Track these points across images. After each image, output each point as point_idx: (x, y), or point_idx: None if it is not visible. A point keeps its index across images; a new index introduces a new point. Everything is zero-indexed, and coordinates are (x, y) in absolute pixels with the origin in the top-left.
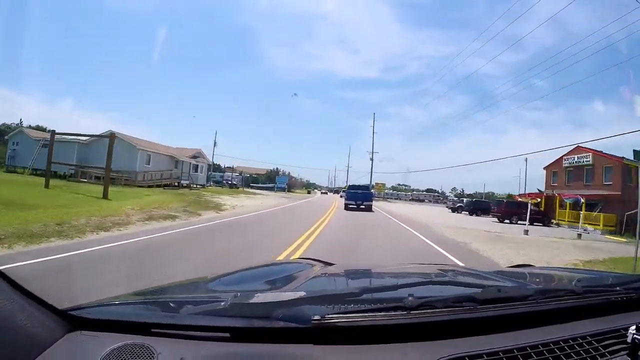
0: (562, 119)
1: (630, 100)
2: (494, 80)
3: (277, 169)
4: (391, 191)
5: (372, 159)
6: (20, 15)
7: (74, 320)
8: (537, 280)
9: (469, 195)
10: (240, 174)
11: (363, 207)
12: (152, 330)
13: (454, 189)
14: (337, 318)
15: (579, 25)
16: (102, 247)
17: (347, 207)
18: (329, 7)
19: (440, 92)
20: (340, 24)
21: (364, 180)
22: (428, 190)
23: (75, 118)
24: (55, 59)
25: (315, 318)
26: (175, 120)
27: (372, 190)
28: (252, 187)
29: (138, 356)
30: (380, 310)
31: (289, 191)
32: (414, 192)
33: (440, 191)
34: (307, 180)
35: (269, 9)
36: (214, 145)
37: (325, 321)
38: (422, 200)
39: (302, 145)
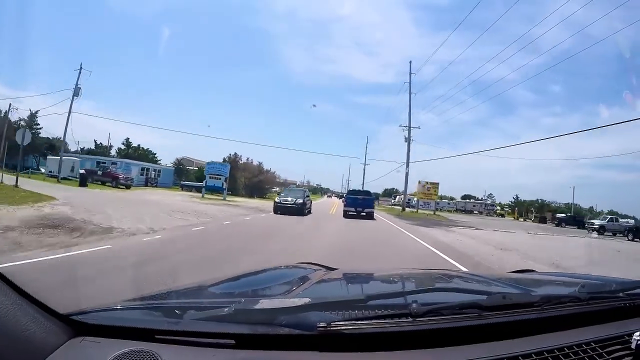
0: (578, 124)
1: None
2: (510, 85)
3: (235, 154)
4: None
5: (409, 140)
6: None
7: (76, 326)
8: (541, 286)
9: (519, 203)
10: (179, 164)
11: (364, 214)
12: (156, 336)
13: (490, 195)
14: (343, 325)
15: (595, 27)
16: None
17: (346, 215)
18: (344, 11)
19: (460, 98)
20: (356, 27)
21: (394, 181)
22: (464, 197)
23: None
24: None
25: (321, 325)
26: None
27: (409, 196)
28: (183, 187)
29: None
30: (386, 317)
31: (250, 196)
32: (458, 201)
33: (483, 198)
34: (317, 184)
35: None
36: (74, 96)
37: (331, 328)
38: (470, 211)
39: (317, 149)
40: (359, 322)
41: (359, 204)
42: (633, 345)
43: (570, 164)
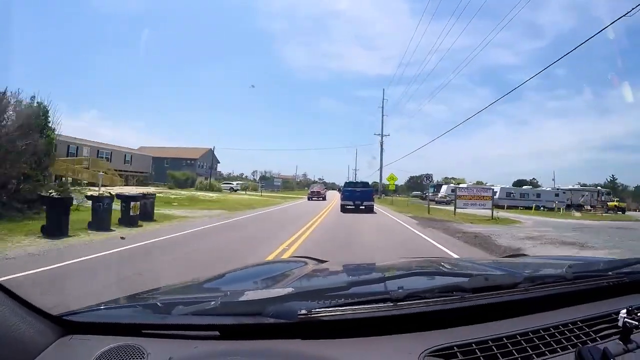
0: (586, 106)
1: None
2: (513, 70)
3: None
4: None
5: None
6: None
7: (66, 325)
8: (528, 268)
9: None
10: None
11: (363, 207)
12: (143, 331)
13: (532, 179)
14: (323, 312)
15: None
16: None
17: (343, 209)
18: (342, 6)
19: (461, 85)
20: (355, 20)
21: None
22: (517, 184)
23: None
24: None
25: (301, 313)
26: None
27: (449, 187)
28: None
29: (129, 357)
30: (366, 302)
31: None
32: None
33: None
34: (320, 179)
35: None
36: None
37: (312, 316)
38: (579, 207)
39: (320, 144)
40: (339, 308)
41: (357, 196)
42: (620, 323)
43: (577, 148)
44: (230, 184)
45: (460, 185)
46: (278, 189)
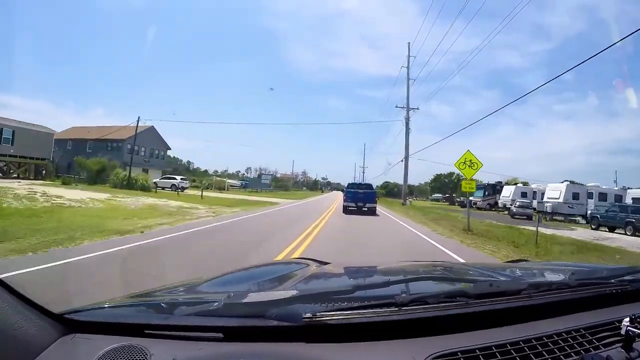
0: (594, 109)
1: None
2: (520, 72)
3: None
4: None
5: None
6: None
7: (68, 324)
8: (531, 274)
9: None
10: None
11: (365, 209)
12: (146, 331)
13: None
14: (327, 316)
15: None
16: None
17: (346, 210)
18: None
19: (468, 87)
20: (361, 20)
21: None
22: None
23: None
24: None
25: (306, 316)
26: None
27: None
28: None
29: (131, 357)
30: (371, 307)
31: None
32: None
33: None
34: (323, 178)
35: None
36: None
37: (316, 319)
38: None
39: (324, 143)
40: (343, 312)
41: (360, 198)
42: (623, 332)
43: (584, 150)
44: (174, 178)
45: None
46: (268, 189)
